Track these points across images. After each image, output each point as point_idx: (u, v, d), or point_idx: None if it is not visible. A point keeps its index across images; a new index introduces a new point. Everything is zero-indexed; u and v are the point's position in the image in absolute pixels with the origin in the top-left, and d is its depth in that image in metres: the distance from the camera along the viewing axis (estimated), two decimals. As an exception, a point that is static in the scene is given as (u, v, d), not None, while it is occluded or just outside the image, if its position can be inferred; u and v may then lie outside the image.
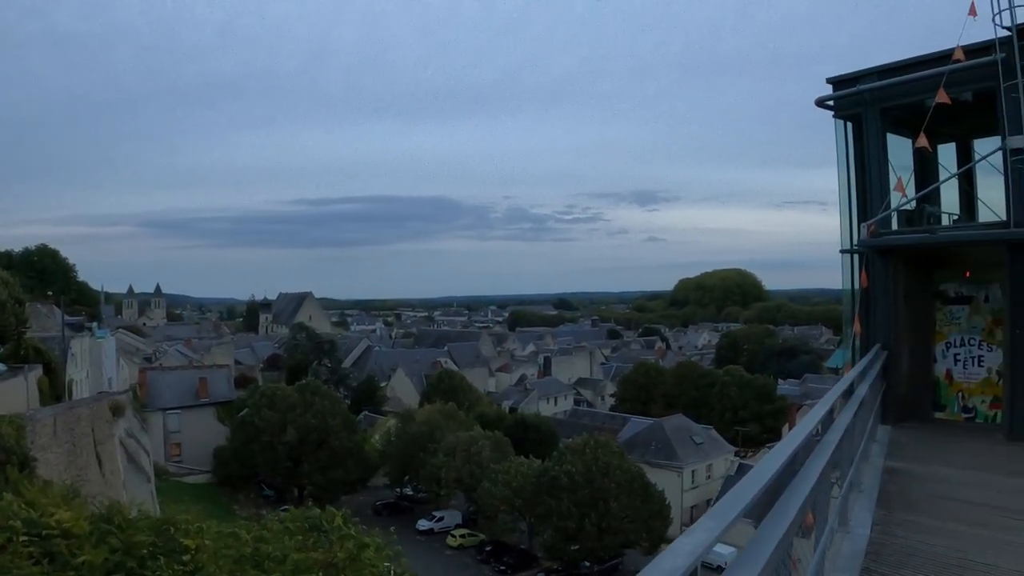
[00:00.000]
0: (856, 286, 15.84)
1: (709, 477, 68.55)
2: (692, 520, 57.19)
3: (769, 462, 4.57)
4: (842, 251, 16.16)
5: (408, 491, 68.40)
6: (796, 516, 4.13)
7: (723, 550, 6.73)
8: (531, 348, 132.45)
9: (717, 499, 52.06)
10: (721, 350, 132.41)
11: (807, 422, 6.14)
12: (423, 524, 60.97)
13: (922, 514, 9.19)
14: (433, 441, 62.31)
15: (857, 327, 15.61)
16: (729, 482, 55.36)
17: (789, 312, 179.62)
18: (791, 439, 5.12)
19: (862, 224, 15.59)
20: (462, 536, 58.60)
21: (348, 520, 15.77)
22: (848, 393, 8.92)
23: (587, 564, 51.77)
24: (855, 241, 15.78)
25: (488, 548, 55.63)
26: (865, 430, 10.40)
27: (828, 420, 6.88)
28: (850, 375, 9.57)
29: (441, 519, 61.64)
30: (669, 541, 5.82)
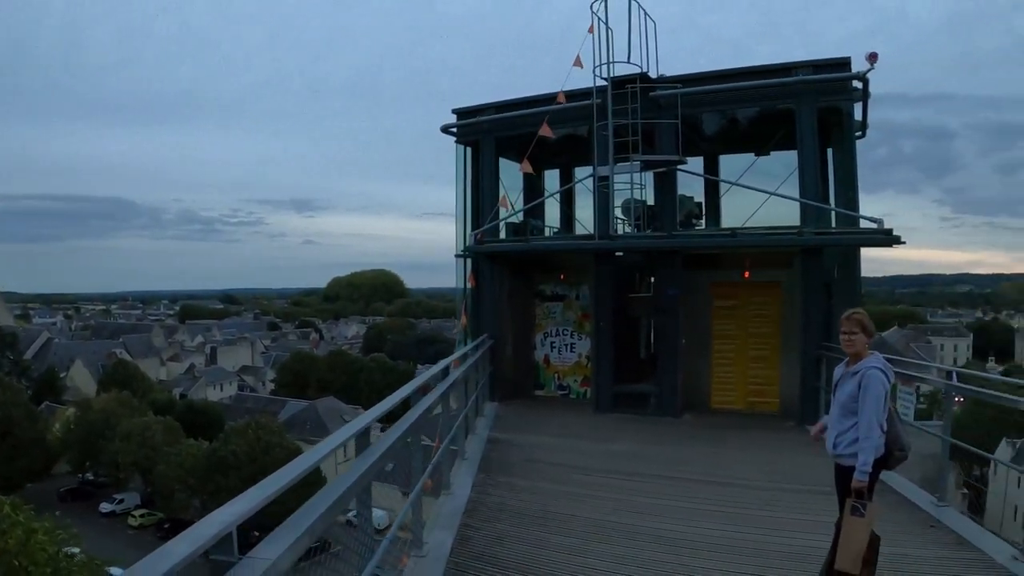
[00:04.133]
0: (467, 285, 16.43)
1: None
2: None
3: (339, 436, 4.66)
4: (456, 255, 16.63)
5: (90, 476, 63.62)
6: (358, 480, 4.23)
7: (377, 512, 6.76)
8: (199, 339, 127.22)
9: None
10: (368, 340, 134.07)
11: (388, 401, 6.23)
12: (105, 507, 57.62)
13: (516, 476, 9.53)
14: (110, 428, 58.60)
15: (464, 321, 16.30)
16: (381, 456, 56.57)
17: (427, 307, 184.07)
18: (363, 418, 5.18)
19: (472, 233, 16.22)
20: (142, 516, 55.92)
21: (18, 508, 14.34)
22: (444, 374, 9.01)
23: (256, 533, 50.33)
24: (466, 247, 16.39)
25: (167, 525, 52.71)
26: (466, 407, 10.67)
27: (418, 398, 7.01)
28: (444, 361, 9.82)
29: (122, 501, 58.26)
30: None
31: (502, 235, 16.67)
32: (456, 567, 6.20)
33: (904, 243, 13.01)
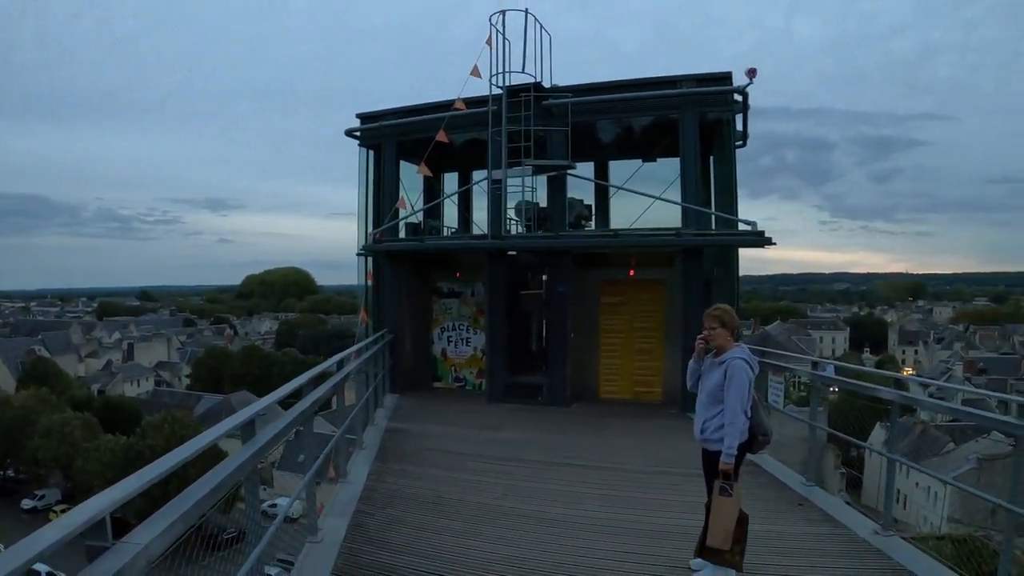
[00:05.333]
0: (368, 282, 16.39)
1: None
2: (261, 480, 57.12)
3: (222, 427, 4.49)
4: (358, 253, 16.49)
5: (11, 473, 61.00)
6: (238, 468, 4.16)
7: (282, 501, 6.63)
8: (117, 336, 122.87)
9: (280, 460, 56.09)
10: (280, 336, 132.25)
11: (276, 393, 6.23)
12: (27, 503, 55.54)
13: (411, 464, 9.51)
14: (30, 424, 56.44)
15: (363, 316, 16.22)
16: (289, 446, 55.45)
17: (337, 304, 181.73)
18: (248, 409, 5.07)
19: (371, 232, 16.18)
20: (63, 511, 52.78)
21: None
22: (339, 367, 8.99)
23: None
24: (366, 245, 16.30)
25: None
26: (363, 398, 10.63)
27: (311, 388, 6.94)
28: (339, 355, 9.73)
29: (43, 497, 56.19)
30: (240, 499, 5.70)
31: (402, 235, 16.64)
32: (349, 552, 6.14)
33: (775, 244, 13.49)
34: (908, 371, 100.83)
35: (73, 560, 2.66)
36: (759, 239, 13.47)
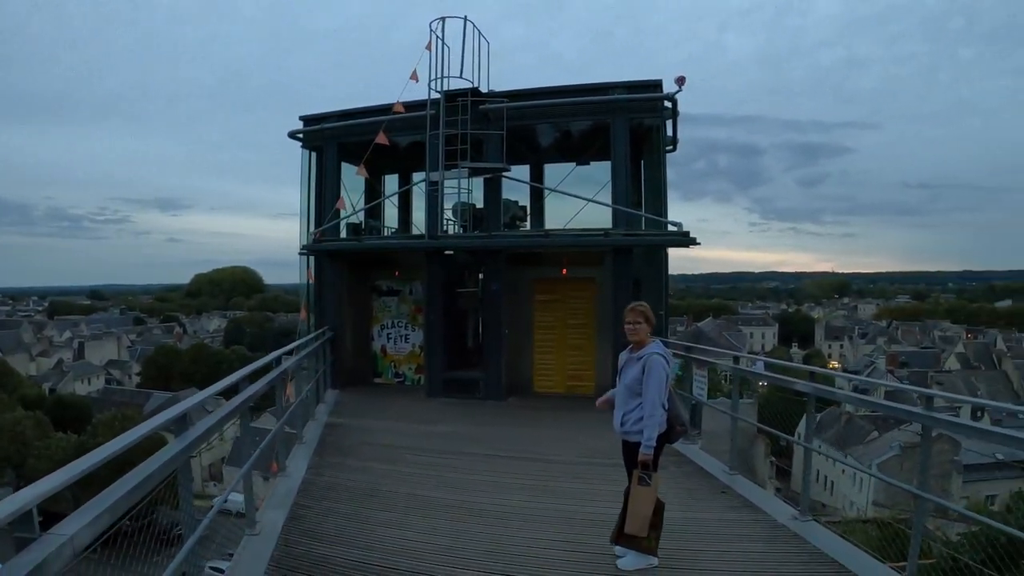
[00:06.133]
0: (309, 281, 16.34)
1: (220, 438, 66.81)
2: (210, 477, 56.14)
3: (152, 422, 4.53)
4: (300, 252, 16.41)
5: None
6: (167, 462, 4.23)
7: (237, 497, 6.59)
8: (68, 334, 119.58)
9: (229, 456, 54.77)
10: (228, 333, 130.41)
11: (210, 389, 6.25)
12: None
13: (349, 457, 9.55)
14: None
15: (303, 314, 16.17)
16: (238, 441, 54.98)
17: (284, 302, 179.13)
18: (180, 405, 5.06)
19: (312, 232, 16.14)
20: None
21: None
22: (276, 364, 9.02)
23: (126, 523, 48.34)
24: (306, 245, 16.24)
25: (41, 519, 48.80)
26: (302, 394, 10.66)
27: (247, 384, 6.93)
28: (277, 352, 9.66)
29: None
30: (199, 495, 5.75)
31: (343, 235, 16.59)
32: (286, 543, 6.17)
33: (699, 244, 13.86)
34: (834, 365, 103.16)
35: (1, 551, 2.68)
36: (684, 239, 13.79)
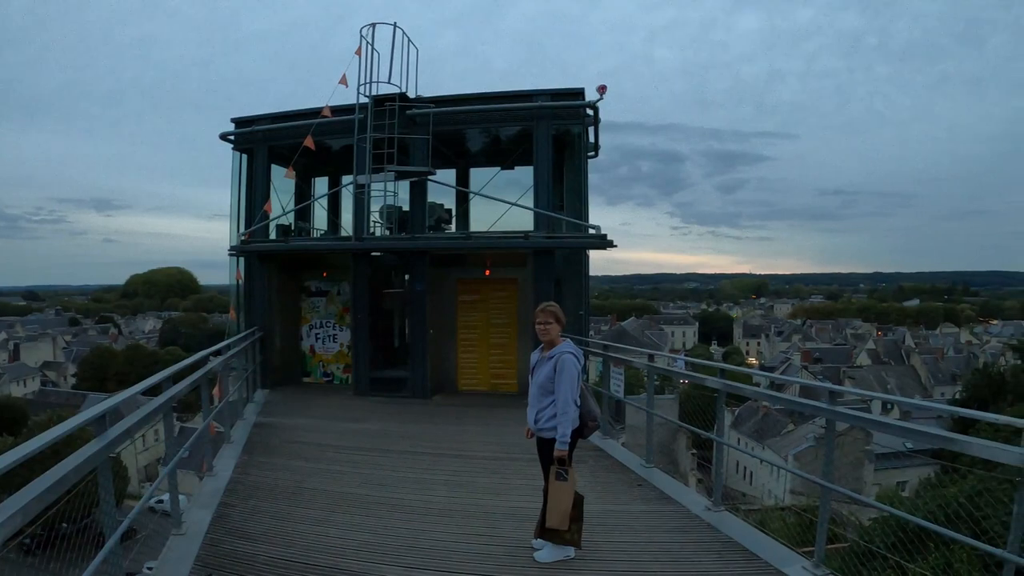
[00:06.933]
0: (238, 281, 16.16)
1: (157, 439, 65.66)
2: (148, 477, 54.73)
3: (71, 423, 4.52)
4: (229, 253, 16.25)
5: None
6: (83, 463, 4.26)
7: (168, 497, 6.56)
8: (2, 336, 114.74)
9: (164, 457, 51.85)
10: (164, 334, 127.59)
11: (131, 390, 6.04)
12: None
13: (276, 456, 9.53)
14: None
15: (232, 314, 16.05)
16: (174, 442, 54.04)
17: (219, 302, 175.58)
18: (99, 406, 5.02)
19: (240, 233, 16.04)
20: None
21: None
22: (200, 364, 8.66)
23: (64, 525, 46.60)
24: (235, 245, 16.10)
25: None
26: (229, 394, 10.61)
27: (169, 385, 6.94)
28: (200, 354, 9.55)
29: None
30: (130, 496, 5.72)
31: (272, 236, 16.50)
32: (211, 543, 6.16)
33: (616, 246, 14.21)
34: (752, 361, 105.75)
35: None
36: (602, 242, 14.14)
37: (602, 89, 14.30)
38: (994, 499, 13.34)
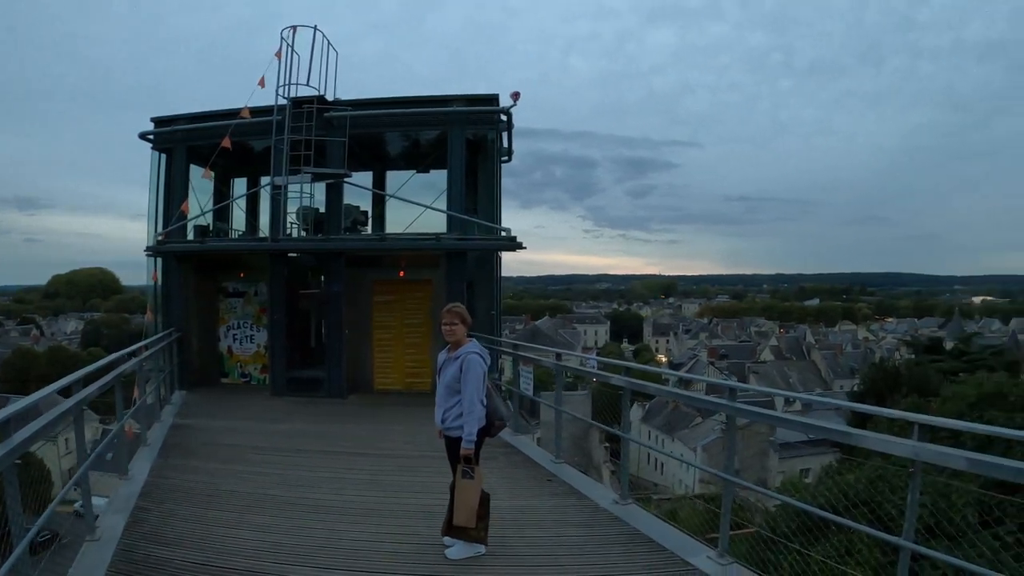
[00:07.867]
0: (154, 282, 15.86)
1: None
2: (78, 482, 52.65)
3: None
4: (145, 254, 15.87)
5: None
6: None
7: (98, 501, 6.42)
8: None
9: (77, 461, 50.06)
10: (86, 335, 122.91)
11: (37, 394, 6.12)
12: None
13: (193, 458, 9.36)
14: None
15: (149, 315, 15.73)
16: (94, 444, 52.18)
17: (141, 303, 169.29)
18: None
19: (156, 233, 15.72)
20: None
21: None
22: (109, 368, 8.41)
23: None
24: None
25: None
26: (144, 396, 10.38)
27: (80, 386, 6.78)
28: (113, 355, 9.33)
29: None
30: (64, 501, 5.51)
31: (190, 236, 16.18)
32: (126, 548, 6.03)
33: (525, 248, 14.51)
34: (661, 358, 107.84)
35: None
36: (512, 243, 14.41)
37: (516, 96, 14.50)
38: (890, 486, 13.98)
